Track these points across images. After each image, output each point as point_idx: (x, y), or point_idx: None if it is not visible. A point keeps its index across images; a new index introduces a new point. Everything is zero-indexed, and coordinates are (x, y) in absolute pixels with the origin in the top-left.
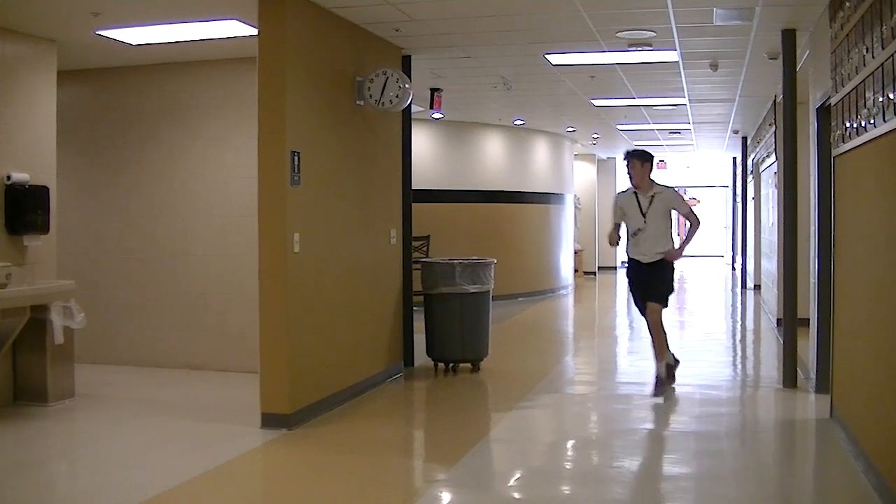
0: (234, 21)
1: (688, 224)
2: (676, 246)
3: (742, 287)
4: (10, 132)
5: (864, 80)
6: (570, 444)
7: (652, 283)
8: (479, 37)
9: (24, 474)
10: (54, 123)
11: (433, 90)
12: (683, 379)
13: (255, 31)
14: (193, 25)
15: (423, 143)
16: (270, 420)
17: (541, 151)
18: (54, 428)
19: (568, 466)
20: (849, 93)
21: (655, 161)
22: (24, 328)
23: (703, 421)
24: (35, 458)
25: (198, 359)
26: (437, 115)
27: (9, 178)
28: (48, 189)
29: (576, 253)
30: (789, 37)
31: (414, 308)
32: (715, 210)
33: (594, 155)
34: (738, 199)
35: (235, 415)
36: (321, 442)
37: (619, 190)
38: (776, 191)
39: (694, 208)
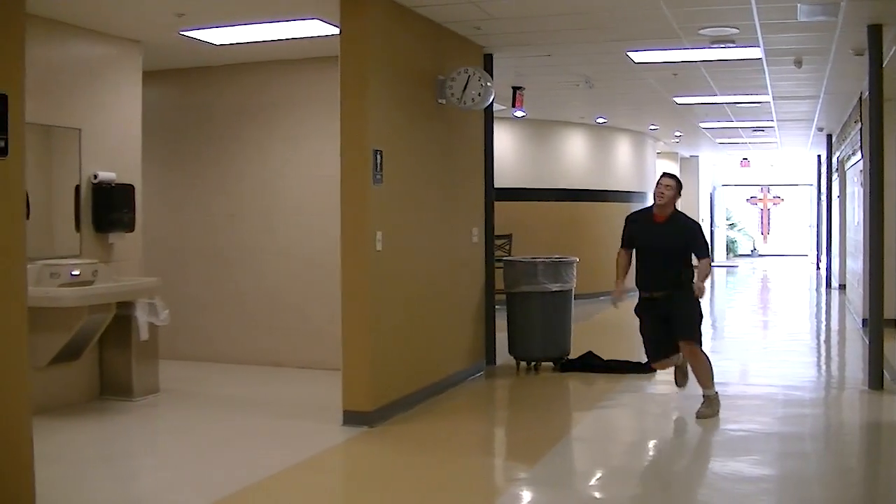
0: (315, 21)
1: None
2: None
3: (827, 286)
4: (97, 132)
5: None
6: (651, 444)
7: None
8: (560, 35)
9: (109, 467)
10: (140, 123)
11: (515, 88)
12: (767, 380)
13: (336, 31)
14: (276, 25)
15: (505, 141)
16: (352, 417)
17: (623, 150)
18: (138, 422)
19: (649, 467)
20: None
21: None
22: (109, 325)
23: (787, 422)
24: (120, 451)
25: (279, 356)
26: (519, 114)
27: (95, 176)
28: (133, 187)
29: None
30: (875, 32)
31: (496, 306)
32: (799, 208)
33: (677, 153)
34: (823, 197)
35: (317, 412)
36: (402, 439)
37: (702, 188)
38: (861, 189)
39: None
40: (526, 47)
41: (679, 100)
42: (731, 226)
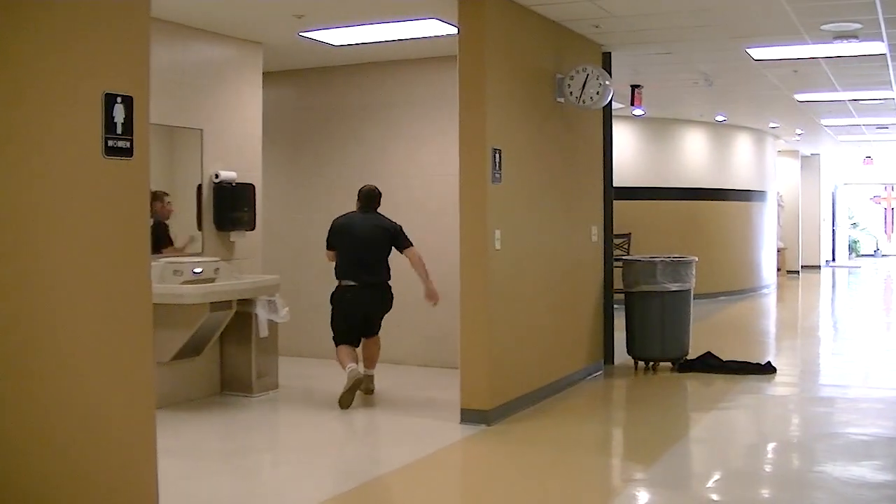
0: (434, 20)
1: None
2: None
3: None
4: (219, 132)
5: None
6: (770, 446)
7: None
8: (679, 32)
9: (230, 461)
10: (260, 123)
11: (634, 87)
12: (890, 382)
13: (454, 31)
14: (394, 25)
15: (623, 140)
16: (470, 416)
17: (743, 148)
18: (258, 418)
19: (768, 469)
20: None
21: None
22: (230, 321)
23: None
24: (240, 446)
25: (398, 353)
26: (637, 112)
27: (217, 176)
28: (254, 186)
29: (778, 251)
30: None
31: (615, 306)
32: None
33: (797, 151)
34: None
35: (435, 410)
36: (520, 438)
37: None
38: None
39: None
40: (645, 45)
41: (800, 97)
42: (854, 225)
